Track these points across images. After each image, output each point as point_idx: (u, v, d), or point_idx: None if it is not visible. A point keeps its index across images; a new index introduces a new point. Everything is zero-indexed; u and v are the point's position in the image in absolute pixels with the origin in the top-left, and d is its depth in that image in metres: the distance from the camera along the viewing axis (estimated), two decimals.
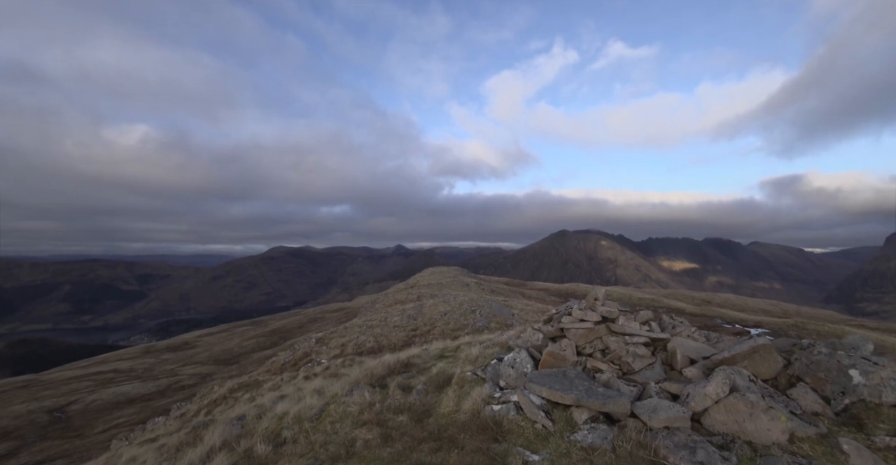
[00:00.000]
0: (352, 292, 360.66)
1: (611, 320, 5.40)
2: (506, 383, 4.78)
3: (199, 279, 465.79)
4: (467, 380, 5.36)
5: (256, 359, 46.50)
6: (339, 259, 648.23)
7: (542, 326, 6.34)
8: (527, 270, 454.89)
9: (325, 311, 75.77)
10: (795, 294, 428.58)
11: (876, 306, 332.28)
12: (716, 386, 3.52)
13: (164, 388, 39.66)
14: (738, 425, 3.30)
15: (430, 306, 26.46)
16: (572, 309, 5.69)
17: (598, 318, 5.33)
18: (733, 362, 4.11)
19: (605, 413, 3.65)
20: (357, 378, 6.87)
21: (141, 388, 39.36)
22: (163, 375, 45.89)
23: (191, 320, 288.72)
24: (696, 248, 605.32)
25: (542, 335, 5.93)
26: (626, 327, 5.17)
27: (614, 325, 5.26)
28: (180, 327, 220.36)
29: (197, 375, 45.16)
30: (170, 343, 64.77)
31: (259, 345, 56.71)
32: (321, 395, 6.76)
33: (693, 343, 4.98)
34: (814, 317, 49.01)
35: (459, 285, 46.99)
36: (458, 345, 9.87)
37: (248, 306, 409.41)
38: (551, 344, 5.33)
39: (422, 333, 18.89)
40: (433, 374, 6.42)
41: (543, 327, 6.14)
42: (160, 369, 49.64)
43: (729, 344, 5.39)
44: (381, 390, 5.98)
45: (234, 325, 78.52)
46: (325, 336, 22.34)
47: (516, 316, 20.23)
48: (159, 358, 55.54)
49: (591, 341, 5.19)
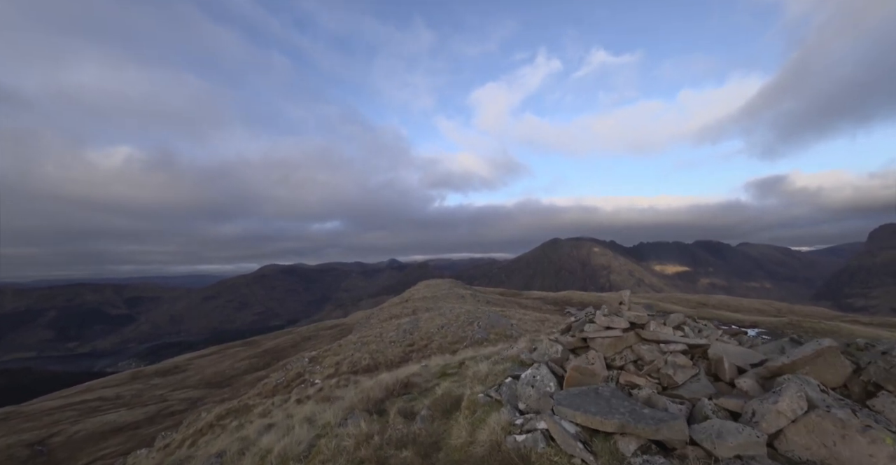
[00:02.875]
0: (346, 309, 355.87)
1: (640, 327, 4.79)
2: (526, 405, 4.02)
3: (190, 300, 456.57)
4: (479, 403, 4.54)
5: (249, 381, 44.85)
6: (333, 275, 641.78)
7: (559, 336, 5.68)
8: (521, 279, 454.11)
9: (320, 328, 74.04)
10: (786, 292, 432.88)
11: (864, 301, 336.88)
12: (790, 401, 2.83)
13: (153, 415, 37.86)
14: (826, 449, 2.62)
15: (426, 319, 25.75)
16: (595, 316, 5.02)
17: (626, 324, 4.72)
18: (793, 370, 3.46)
19: (656, 441, 2.93)
20: (352, 403, 6.07)
21: (128, 416, 37.52)
22: (152, 401, 43.96)
23: (182, 343, 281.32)
24: (686, 251, 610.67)
25: (560, 347, 5.21)
26: (660, 333, 4.56)
27: (645, 331, 4.66)
28: (171, 350, 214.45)
29: (188, 399, 43.36)
30: (159, 367, 62.48)
31: (252, 366, 54.93)
32: (312, 424, 5.95)
33: (736, 348, 4.36)
34: (807, 315, 48.97)
35: (454, 297, 46.28)
36: (460, 360, 9.16)
37: (241, 326, 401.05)
38: (574, 357, 4.73)
39: (419, 347, 18.19)
40: (438, 396, 5.65)
41: (562, 338, 5.49)
42: (149, 394, 47.61)
43: (770, 348, 4.77)
44: (379, 417, 5.19)
45: (226, 346, 76.28)
46: (319, 355, 21.42)
47: (515, 326, 19.81)
48: (148, 384, 53.40)
49: (621, 352, 4.60)
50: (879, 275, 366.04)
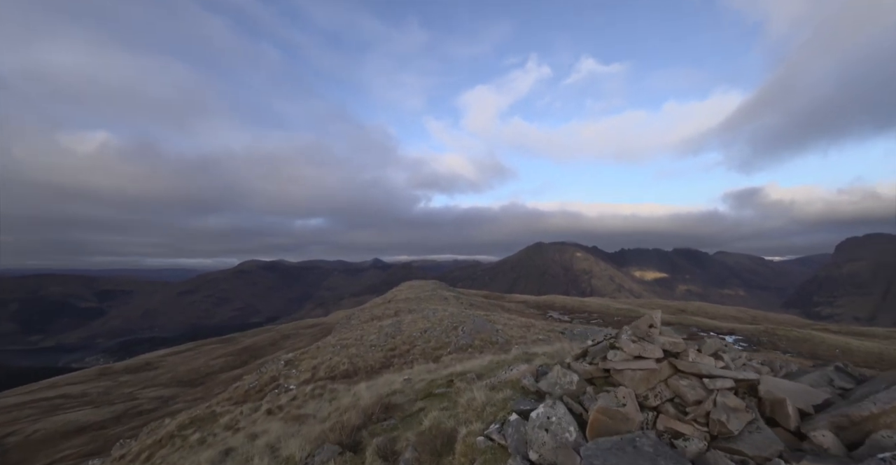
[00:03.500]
0: (327, 307, 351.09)
1: (674, 355, 3.98)
2: (540, 455, 3.13)
3: (165, 295, 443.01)
4: (479, 449, 3.65)
5: (224, 380, 43.15)
6: (315, 273, 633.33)
7: (574, 363, 4.73)
8: (504, 282, 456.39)
9: (300, 327, 72.28)
10: (758, 300, 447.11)
11: (830, 310, 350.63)
12: None
13: (120, 414, 35.97)
14: None
15: (408, 322, 24.61)
16: (619, 340, 4.16)
17: (659, 353, 3.88)
18: (888, 423, 2.71)
19: None
20: (323, 432, 5.12)
21: (93, 415, 35.54)
22: (119, 399, 41.86)
23: (155, 339, 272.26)
24: (666, 258, 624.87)
25: (576, 377, 4.28)
26: (701, 365, 3.69)
27: (682, 362, 3.81)
28: (143, 346, 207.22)
29: (158, 398, 41.47)
30: (129, 364, 59.85)
31: (228, 364, 53.06)
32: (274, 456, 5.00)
33: (789, 384, 3.60)
34: (780, 322, 50.09)
35: (438, 299, 45.41)
36: (448, 376, 8.19)
37: (219, 322, 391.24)
38: (593, 390, 3.86)
39: (401, 353, 17.26)
40: (425, 428, 4.80)
41: (577, 366, 4.56)
42: (117, 392, 45.37)
43: (815, 378, 4.04)
44: (353, 455, 4.27)
45: (202, 343, 73.80)
46: (296, 358, 20.28)
47: (500, 332, 18.91)
48: (116, 381, 50.99)
49: (655, 388, 3.69)
50: (844, 285, 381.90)
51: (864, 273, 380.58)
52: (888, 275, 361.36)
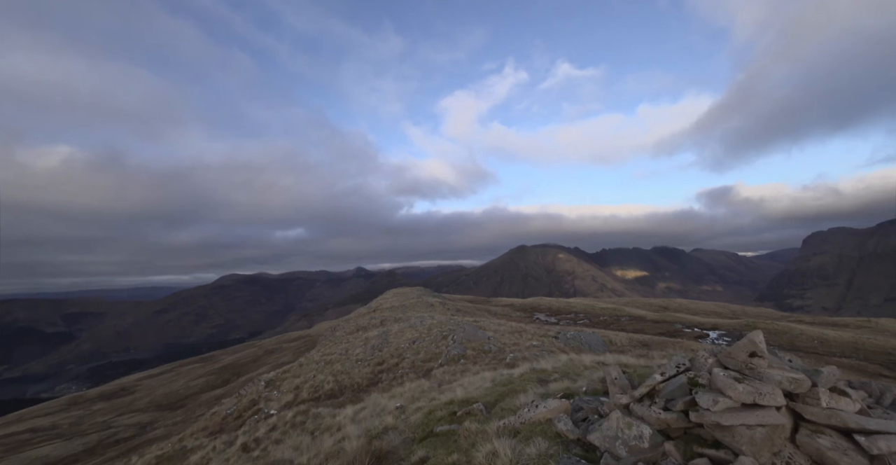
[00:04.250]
0: (311, 319, 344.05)
1: (795, 397, 2.86)
2: None
3: (139, 315, 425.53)
4: None
5: (206, 400, 41.88)
6: (297, 284, 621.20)
7: (637, 406, 3.55)
8: (489, 286, 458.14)
9: (284, 341, 70.87)
10: (734, 295, 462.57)
11: (800, 302, 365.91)
12: None
13: (94, 445, 34.29)
14: None
15: (395, 332, 23.45)
16: (717, 380, 2.96)
17: (780, 399, 2.79)
18: None
19: None
20: None
21: (64, 448, 33.73)
22: (93, 429, 39.93)
23: (130, 362, 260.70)
24: (645, 256, 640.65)
25: (647, 430, 3.14)
26: (845, 414, 2.68)
27: (811, 407, 2.71)
28: (117, 370, 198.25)
29: (135, 425, 39.79)
30: (103, 390, 57.29)
31: (209, 384, 51.47)
32: None
33: None
34: (758, 316, 52.22)
35: (424, 305, 45.15)
36: (448, 403, 7.02)
37: (198, 340, 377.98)
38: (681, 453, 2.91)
39: (389, 367, 16.26)
40: None
41: (645, 411, 3.36)
42: (90, 422, 43.29)
43: None
44: None
45: (181, 363, 71.35)
46: (277, 377, 19.06)
47: (492, 339, 17.97)
48: (89, 409, 48.69)
49: (780, 452, 2.68)
50: (812, 277, 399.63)
51: (829, 266, 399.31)
52: (851, 267, 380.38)
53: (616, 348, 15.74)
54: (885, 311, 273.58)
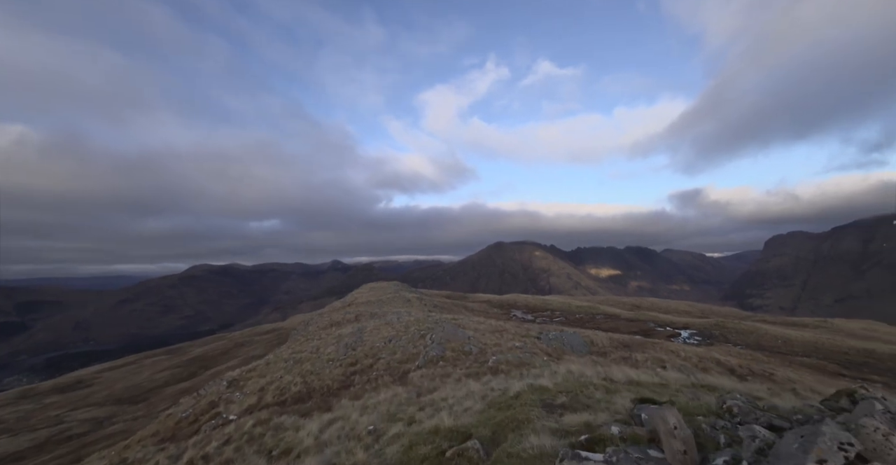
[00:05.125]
0: (285, 312, 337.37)
1: None
2: None
3: (101, 304, 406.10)
4: None
5: (170, 394, 40.04)
6: (271, 277, 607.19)
7: None
8: (466, 281, 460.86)
9: (256, 333, 68.79)
10: (701, 294, 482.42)
11: (760, 301, 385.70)
12: None
13: (44, 441, 32.12)
14: None
15: (371, 329, 21.87)
16: None
17: None
18: None
19: None
20: None
21: (9, 445, 31.41)
22: (43, 424, 37.46)
23: (90, 354, 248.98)
24: (619, 255, 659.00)
25: None
26: None
27: None
28: (75, 362, 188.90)
29: (91, 420, 37.58)
30: (57, 383, 53.93)
31: (175, 377, 49.29)
32: None
33: None
34: (726, 316, 54.30)
35: (401, 301, 44.34)
36: (431, 432, 5.91)
37: (165, 331, 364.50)
38: None
39: (363, 368, 15.11)
40: None
41: None
42: (41, 416, 40.61)
43: None
44: None
45: (146, 355, 68.13)
46: (241, 377, 17.41)
47: (473, 339, 16.96)
48: (41, 403, 45.71)
49: None
50: (771, 278, 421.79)
51: (787, 267, 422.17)
52: (806, 268, 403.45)
53: (598, 350, 15.64)
54: (836, 310, 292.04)
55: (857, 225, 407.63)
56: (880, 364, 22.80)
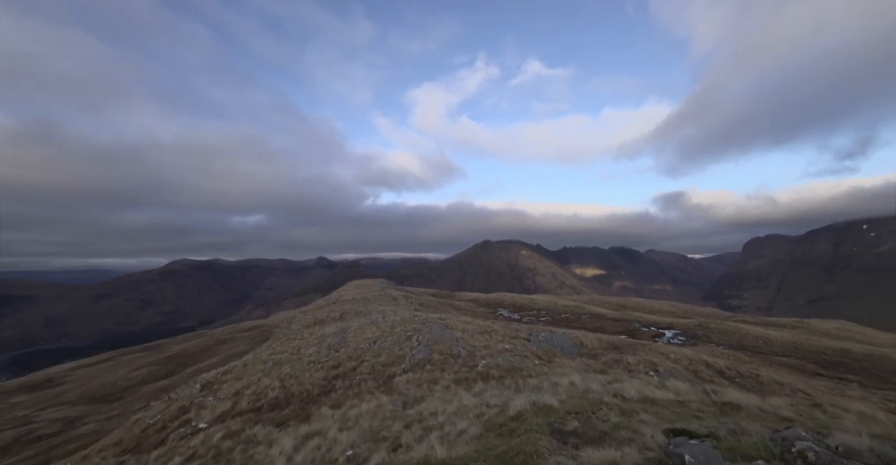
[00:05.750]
0: (269, 308, 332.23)
1: None
2: None
3: (75, 299, 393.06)
4: None
5: (147, 393, 38.76)
6: (255, 272, 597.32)
7: None
8: (452, 280, 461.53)
9: (237, 330, 67.33)
10: (682, 294, 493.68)
11: (738, 301, 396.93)
12: None
13: (10, 442, 30.66)
14: None
15: (355, 329, 20.76)
16: None
17: None
18: None
19: None
20: None
21: None
22: (10, 424, 35.82)
23: (63, 350, 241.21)
24: (603, 256, 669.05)
25: None
26: None
27: None
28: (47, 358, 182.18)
29: (62, 420, 36.10)
30: (26, 381, 51.78)
31: (152, 375, 47.79)
32: None
33: None
34: (708, 316, 55.34)
35: (387, 299, 43.54)
36: (423, 462, 5.23)
37: (143, 328, 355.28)
38: None
39: (345, 371, 14.23)
40: None
41: None
42: (7, 416, 38.84)
43: None
44: None
45: (122, 352, 65.99)
46: (216, 379, 16.38)
47: (461, 341, 16.13)
48: (7, 402, 43.80)
49: None
50: (749, 280, 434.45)
51: (763, 269, 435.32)
52: (782, 270, 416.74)
53: (587, 351, 15.46)
54: (809, 311, 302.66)
55: (831, 229, 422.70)
56: (855, 364, 23.48)
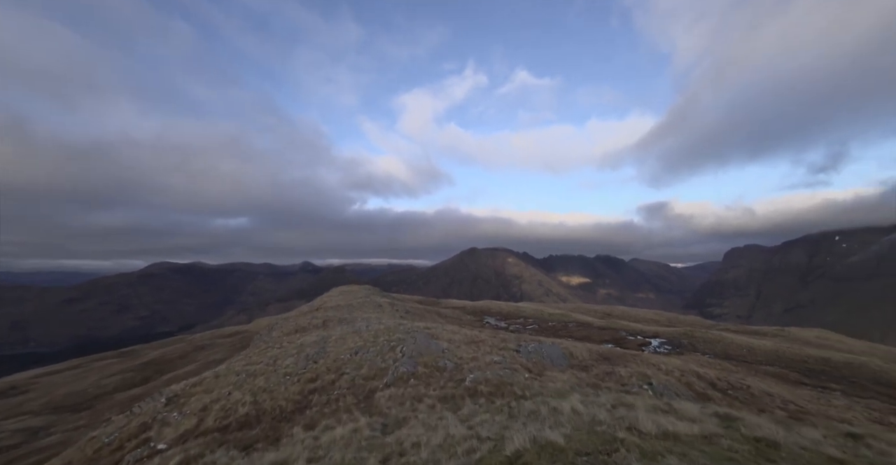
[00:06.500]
0: (251, 313, 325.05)
1: None
2: None
3: (43, 302, 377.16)
4: None
5: (120, 401, 37.01)
6: (237, 277, 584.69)
7: None
8: (438, 286, 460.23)
9: (217, 336, 65.34)
10: (665, 303, 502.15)
11: (719, 310, 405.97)
12: None
13: None
14: None
15: (336, 338, 19.74)
16: None
17: None
18: None
19: None
20: None
21: None
22: None
23: (30, 355, 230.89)
24: (588, 264, 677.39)
25: None
26: None
27: None
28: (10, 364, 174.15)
29: (24, 430, 34.08)
30: None
31: (125, 382, 45.75)
32: None
33: None
34: (692, 324, 56.07)
35: (372, 305, 42.64)
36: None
37: (118, 333, 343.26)
38: None
39: (323, 385, 13.38)
40: None
41: None
42: None
43: None
44: None
45: (94, 358, 63.17)
46: (184, 392, 15.41)
47: (447, 352, 15.38)
48: None
49: None
50: (729, 288, 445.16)
51: (742, 278, 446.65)
52: (759, 279, 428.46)
53: (578, 363, 15.12)
54: (786, 319, 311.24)
55: (805, 240, 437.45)
56: (836, 372, 23.86)
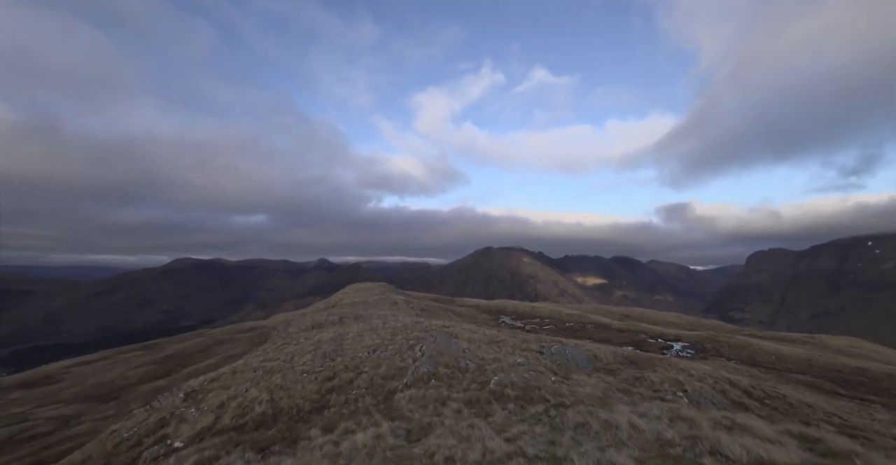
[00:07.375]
0: (268, 310, 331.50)
1: None
2: None
3: (74, 296, 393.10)
4: None
5: (144, 392, 38.30)
6: (256, 273, 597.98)
7: None
8: (453, 285, 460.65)
9: (236, 331, 66.86)
10: (684, 306, 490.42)
11: (741, 315, 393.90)
12: None
13: (5, 440, 30.19)
14: None
15: (353, 336, 19.43)
16: None
17: None
18: None
19: None
20: None
21: None
22: (5, 421, 35.37)
23: (61, 347, 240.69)
24: (605, 265, 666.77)
25: None
26: None
27: None
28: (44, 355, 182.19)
29: (58, 418, 35.61)
30: (24, 378, 51.34)
31: (149, 374, 47.34)
32: None
33: None
34: (714, 328, 54.43)
35: (387, 303, 42.76)
36: None
37: (142, 326, 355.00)
38: None
39: (342, 384, 13.08)
40: None
41: None
42: (3, 413, 38.37)
43: None
44: None
45: (120, 350, 65.55)
46: (202, 387, 15.34)
47: (468, 353, 14.80)
48: (5, 398, 43.37)
49: None
50: (752, 293, 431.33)
51: (766, 283, 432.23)
52: (784, 284, 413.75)
53: (603, 366, 14.70)
54: (812, 326, 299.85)
55: (835, 245, 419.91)
56: (875, 384, 22.72)
